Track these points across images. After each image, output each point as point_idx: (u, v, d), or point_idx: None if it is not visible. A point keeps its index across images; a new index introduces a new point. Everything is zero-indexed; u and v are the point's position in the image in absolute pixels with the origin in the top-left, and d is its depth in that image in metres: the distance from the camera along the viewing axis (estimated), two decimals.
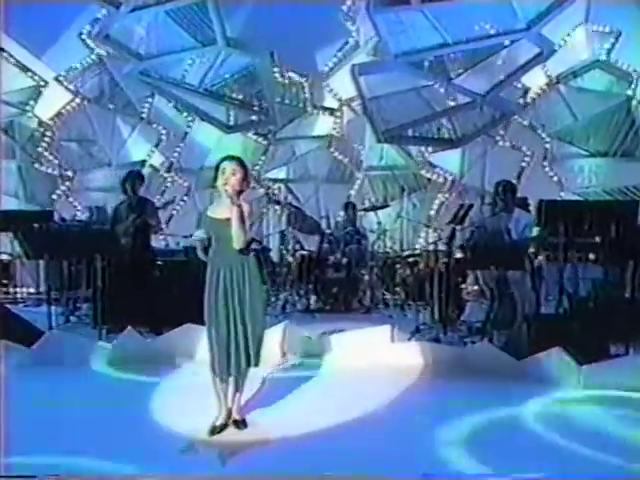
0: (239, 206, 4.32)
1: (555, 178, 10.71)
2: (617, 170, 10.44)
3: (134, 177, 7.81)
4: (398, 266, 9.37)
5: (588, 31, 10.55)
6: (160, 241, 10.34)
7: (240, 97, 10.29)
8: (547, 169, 10.84)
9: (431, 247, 8.52)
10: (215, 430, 4.49)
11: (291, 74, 11.08)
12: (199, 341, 6.32)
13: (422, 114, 9.63)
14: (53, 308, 7.53)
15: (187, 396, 5.29)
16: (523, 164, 10.80)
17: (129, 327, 6.39)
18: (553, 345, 5.79)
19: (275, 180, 11.55)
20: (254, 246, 4.66)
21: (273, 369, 5.98)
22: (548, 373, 5.71)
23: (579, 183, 10.65)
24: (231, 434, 4.48)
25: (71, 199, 11.44)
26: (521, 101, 10.56)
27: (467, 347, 6.47)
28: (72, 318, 8.09)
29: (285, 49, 10.34)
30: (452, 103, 10.08)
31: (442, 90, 9.69)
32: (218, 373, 4.50)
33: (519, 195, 9.61)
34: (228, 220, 4.35)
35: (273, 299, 9.18)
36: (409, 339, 7.00)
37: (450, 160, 11.24)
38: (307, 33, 10.14)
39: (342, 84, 10.94)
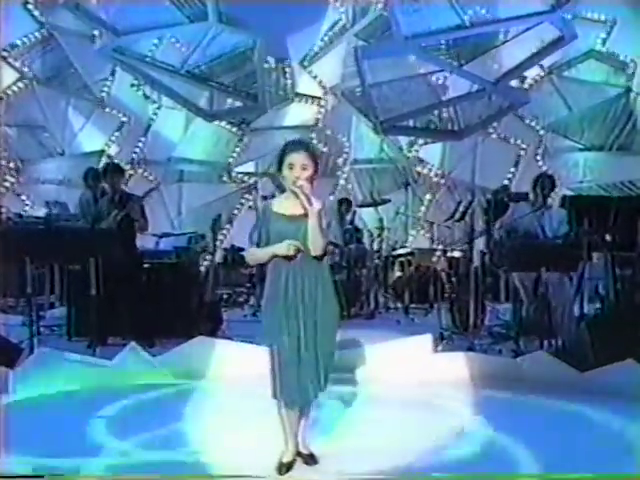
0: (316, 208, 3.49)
1: (549, 172, 10.18)
2: (613, 164, 10.06)
3: (112, 170, 6.90)
4: (401, 267, 8.64)
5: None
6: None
7: (226, 81, 9.21)
8: (541, 163, 10.35)
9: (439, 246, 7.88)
10: (283, 468, 3.67)
11: (272, 59, 10.11)
12: (212, 356, 5.55)
13: (425, 103, 8.88)
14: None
15: (225, 425, 4.41)
16: (517, 158, 10.27)
17: (132, 342, 5.35)
18: (617, 352, 5.20)
19: (251, 174, 10.60)
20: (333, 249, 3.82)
21: None
22: (620, 387, 5.07)
23: (573, 177, 10.20)
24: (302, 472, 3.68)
25: (19, 192, 10.10)
26: None
27: (521, 357, 5.75)
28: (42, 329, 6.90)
29: (265, 32, 9.39)
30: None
31: (450, 77, 8.94)
32: (288, 401, 3.63)
33: (518, 190, 9.24)
34: (301, 217, 3.53)
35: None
36: (436, 347, 6.29)
37: (435, 153, 10.63)
38: (289, 15, 9.24)
39: (326, 70, 10.14)
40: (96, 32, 9.81)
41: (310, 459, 3.77)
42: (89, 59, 10.05)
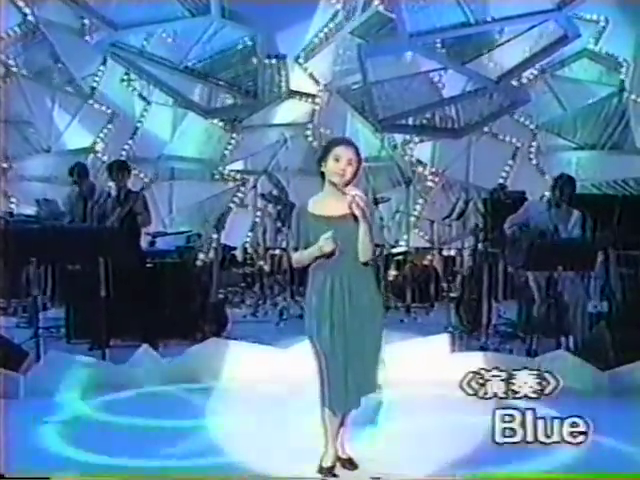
0: (362, 207, 3.34)
1: (542, 171, 10.20)
2: (606, 163, 10.11)
3: (118, 167, 6.86)
4: (398, 265, 8.57)
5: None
6: None
7: (224, 77, 9.01)
8: (534, 162, 10.35)
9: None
10: (324, 473, 3.61)
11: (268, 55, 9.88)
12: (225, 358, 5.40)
13: (426, 101, 8.78)
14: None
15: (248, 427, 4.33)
16: (511, 157, 10.26)
17: (145, 345, 5.20)
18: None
19: (244, 172, 10.43)
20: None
21: None
22: None
23: None
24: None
25: (4, 190, 9.79)
26: None
27: (540, 356, 5.69)
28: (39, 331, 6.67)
29: (263, 28, 9.25)
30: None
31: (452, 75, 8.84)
32: (332, 407, 3.53)
33: (514, 189, 9.23)
34: (342, 218, 3.43)
35: (268, 304, 8.25)
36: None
37: (428, 151, 10.57)
38: (285, 12, 9.09)
39: (322, 67, 10.04)
40: (86, 23, 9.60)
41: (348, 463, 3.70)
42: (77, 53, 9.83)
